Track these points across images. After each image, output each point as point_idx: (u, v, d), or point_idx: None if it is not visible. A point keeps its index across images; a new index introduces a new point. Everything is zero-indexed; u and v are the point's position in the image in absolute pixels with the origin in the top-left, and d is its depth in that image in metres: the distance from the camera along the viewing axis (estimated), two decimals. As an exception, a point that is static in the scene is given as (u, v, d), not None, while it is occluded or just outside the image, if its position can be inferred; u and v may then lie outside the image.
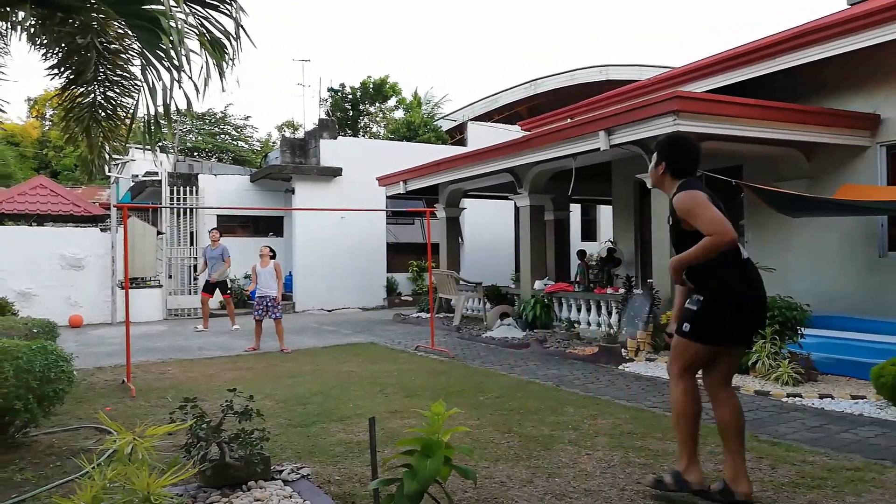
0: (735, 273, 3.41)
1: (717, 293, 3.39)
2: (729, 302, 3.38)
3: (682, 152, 3.64)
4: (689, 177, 3.61)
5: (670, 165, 3.63)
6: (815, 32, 8.63)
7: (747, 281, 3.43)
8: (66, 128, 6.22)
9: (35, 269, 13.34)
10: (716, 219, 3.32)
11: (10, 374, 4.19)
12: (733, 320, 3.39)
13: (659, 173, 3.69)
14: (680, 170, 3.62)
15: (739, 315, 3.39)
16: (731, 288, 3.40)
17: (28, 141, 35.49)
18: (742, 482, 3.38)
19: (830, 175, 9.12)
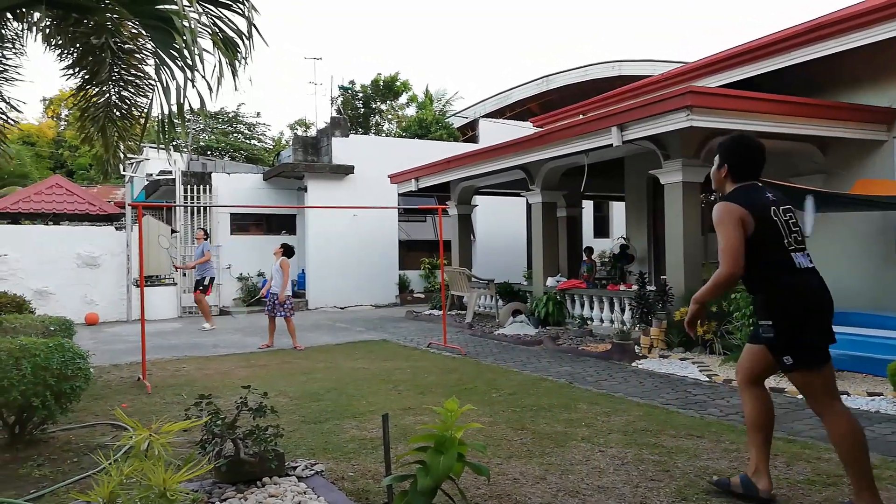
0: (786, 289, 3.21)
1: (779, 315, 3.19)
2: (788, 323, 3.18)
3: (744, 155, 3.48)
4: (750, 181, 3.45)
5: (733, 167, 3.48)
6: (829, 26, 8.53)
7: (797, 293, 3.20)
8: (81, 127, 6.29)
9: (52, 267, 13.49)
10: (728, 248, 3.21)
11: (28, 372, 4.24)
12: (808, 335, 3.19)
13: (722, 176, 3.55)
14: (742, 173, 3.46)
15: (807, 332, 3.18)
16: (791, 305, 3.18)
17: (44, 141, 35.84)
18: (764, 479, 3.40)
19: (846, 170, 9.03)
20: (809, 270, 3.30)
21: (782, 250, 3.25)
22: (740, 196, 3.35)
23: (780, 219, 3.30)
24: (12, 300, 8.33)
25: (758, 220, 3.24)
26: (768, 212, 3.28)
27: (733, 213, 3.24)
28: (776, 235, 3.26)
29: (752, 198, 3.33)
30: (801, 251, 3.31)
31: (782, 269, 3.24)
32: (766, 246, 3.25)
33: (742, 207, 3.25)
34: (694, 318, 3.47)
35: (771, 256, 3.25)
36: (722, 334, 7.81)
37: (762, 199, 3.33)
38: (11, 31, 6.23)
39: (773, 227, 3.26)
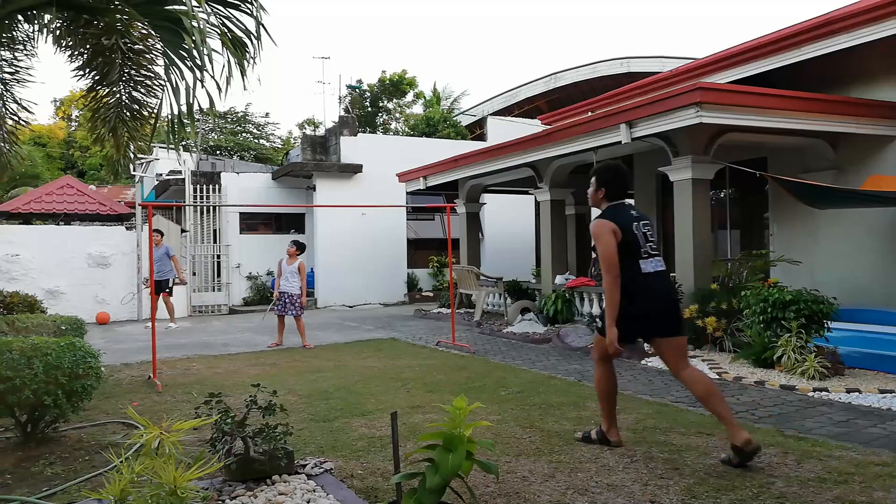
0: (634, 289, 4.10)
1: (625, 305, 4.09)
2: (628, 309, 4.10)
3: (616, 181, 4.36)
4: (620, 199, 4.33)
5: (609, 190, 4.33)
6: (842, 20, 8.46)
7: (642, 292, 4.11)
8: (92, 128, 6.33)
9: (63, 267, 13.59)
10: (607, 257, 4.08)
11: (39, 371, 4.28)
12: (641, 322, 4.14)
13: (599, 197, 4.37)
14: (614, 194, 4.34)
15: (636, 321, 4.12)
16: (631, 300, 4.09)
17: (55, 141, 36.11)
18: (738, 433, 3.92)
19: (858, 166, 8.95)
20: (656, 275, 4.15)
21: (636, 256, 4.12)
22: (612, 213, 4.24)
23: (640, 231, 4.17)
24: (24, 300, 8.40)
25: (624, 231, 4.10)
26: (630, 224, 4.15)
27: (608, 227, 4.11)
28: (636, 245, 4.13)
29: (621, 215, 4.21)
30: (654, 259, 4.17)
31: (631, 270, 4.10)
32: (625, 253, 4.09)
33: (613, 223, 4.12)
34: (613, 340, 4.12)
35: (625, 260, 4.09)
36: (732, 332, 7.77)
37: (628, 216, 4.21)
38: (22, 33, 6.27)
39: (634, 239, 4.13)
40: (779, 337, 6.72)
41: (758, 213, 10.84)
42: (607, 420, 4.41)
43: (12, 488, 3.76)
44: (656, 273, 4.15)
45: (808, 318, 6.63)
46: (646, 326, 4.16)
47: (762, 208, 10.66)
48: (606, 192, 4.33)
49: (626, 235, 4.10)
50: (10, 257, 13.20)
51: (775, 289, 7.10)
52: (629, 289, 4.09)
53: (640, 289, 4.09)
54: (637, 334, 4.30)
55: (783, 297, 6.76)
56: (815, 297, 6.75)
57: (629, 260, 4.10)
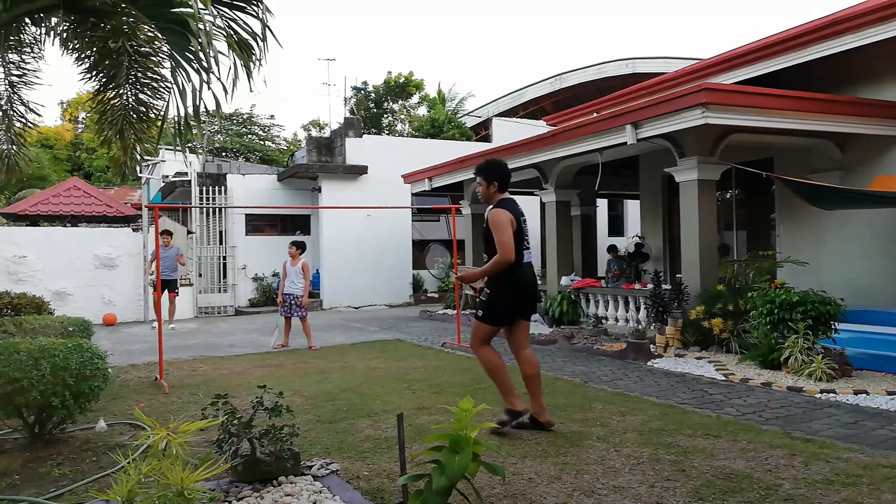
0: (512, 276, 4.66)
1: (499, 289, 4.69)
2: (502, 295, 4.71)
3: (504, 172, 4.85)
4: (508, 198, 4.77)
5: (501, 183, 4.80)
6: (848, 21, 8.43)
7: (520, 279, 4.69)
8: (99, 130, 6.36)
9: (70, 268, 13.65)
10: (506, 242, 4.52)
11: (47, 372, 4.30)
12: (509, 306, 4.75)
13: (493, 191, 4.81)
14: (505, 187, 4.82)
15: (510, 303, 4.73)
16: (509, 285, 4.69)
17: (62, 143, 36.27)
18: (543, 414, 4.78)
19: (864, 166, 8.92)
20: (528, 265, 4.77)
21: (520, 247, 4.63)
22: (507, 205, 4.69)
23: (524, 226, 4.74)
24: (32, 301, 8.43)
25: (517, 224, 4.62)
26: (519, 219, 4.68)
27: (507, 216, 4.58)
28: (521, 237, 4.65)
29: (513, 207, 4.70)
30: (528, 251, 4.76)
31: (519, 261, 4.62)
32: (515, 244, 4.57)
33: (510, 213, 4.60)
34: (470, 279, 5.09)
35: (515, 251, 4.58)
36: (738, 333, 7.75)
37: (517, 210, 4.72)
38: (30, 36, 6.31)
39: (520, 231, 4.66)
40: (786, 338, 6.69)
41: (764, 214, 10.81)
42: (510, 394, 4.80)
43: (20, 489, 3.78)
44: (529, 264, 4.77)
45: (815, 320, 6.60)
46: (521, 309, 4.76)
47: (769, 209, 10.62)
48: (499, 186, 4.78)
49: (516, 228, 4.61)
50: (18, 259, 13.26)
51: (782, 290, 7.07)
52: (516, 274, 4.63)
53: (519, 276, 4.66)
54: (515, 316, 4.79)
55: (790, 299, 6.73)
56: (822, 298, 6.72)
57: (516, 249, 4.58)
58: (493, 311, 4.76)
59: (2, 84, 6.98)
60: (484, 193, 4.87)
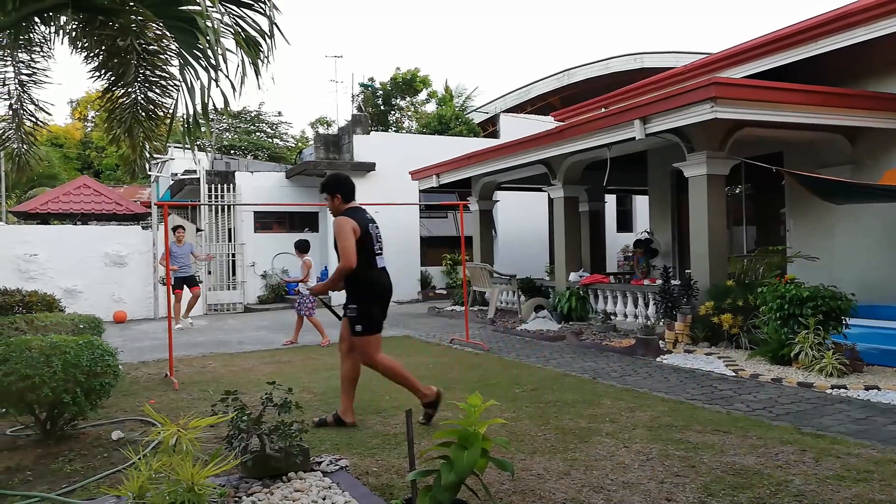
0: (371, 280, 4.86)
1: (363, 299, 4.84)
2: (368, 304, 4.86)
3: (345, 184, 5.08)
4: (353, 202, 5.03)
5: (344, 195, 5.04)
6: (859, 13, 8.35)
7: (376, 284, 4.89)
8: (108, 129, 6.38)
9: (80, 266, 13.73)
10: (347, 248, 4.70)
11: (58, 369, 4.33)
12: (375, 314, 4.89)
13: (337, 203, 5.02)
14: (349, 198, 5.05)
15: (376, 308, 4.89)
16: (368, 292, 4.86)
17: (71, 142, 36.49)
18: (349, 415, 4.95)
19: (875, 160, 8.84)
20: (383, 269, 4.94)
21: (372, 253, 4.83)
22: (352, 213, 4.89)
23: (375, 232, 4.92)
24: (43, 299, 8.49)
25: (363, 231, 4.77)
26: (367, 225, 4.85)
27: (349, 224, 4.75)
28: (371, 243, 4.82)
29: (359, 215, 4.90)
30: (381, 256, 4.94)
31: (369, 265, 4.80)
32: (364, 249, 4.76)
33: (354, 221, 4.78)
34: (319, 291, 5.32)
35: (363, 255, 4.75)
36: (748, 329, 7.71)
37: (365, 217, 4.91)
38: (39, 35, 6.34)
39: (370, 238, 4.82)
40: (796, 334, 6.66)
41: (774, 208, 10.74)
42: (418, 389, 4.95)
43: (33, 485, 3.81)
44: (384, 269, 4.96)
45: (825, 315, 6.57)
46: (380, 311, 4.93)
47: (778, 204, 10.56)
48: (343, 198, 5.02)
49: (364, 234, 4.79)
50: (29, 257, 13.36)
51: (792, 285, 7.03)
52: (370, 279, 4.84)
53: (375, 281, 4.86)
54: (380, 318, 4.93)
55: (800, 294, 6.69)
56: (832, 293, 6.68)
57: (367, 255, 4.78)
58: (370, 320, 4.85)
59: (12, 83, 7.03)
60: (331, 207, 5.09)
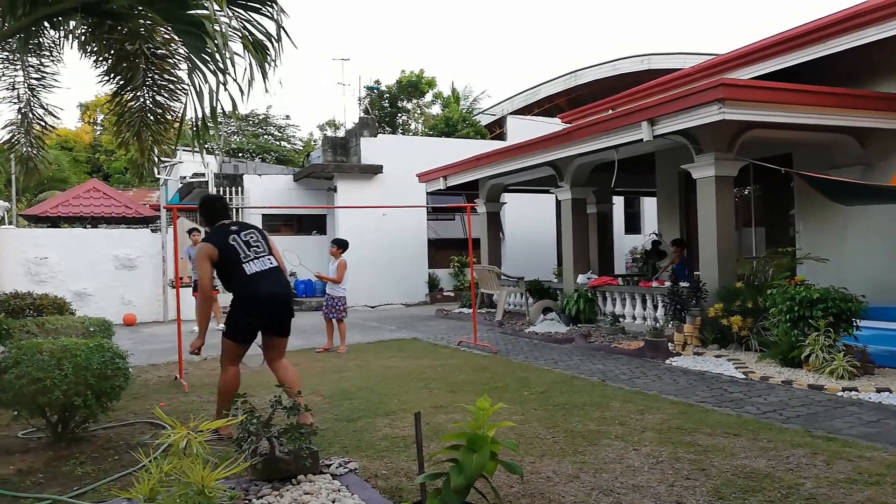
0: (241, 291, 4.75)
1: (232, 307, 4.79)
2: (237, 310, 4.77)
3: (207, 208, 5.05)
4: (220, 223, 4.92)
5: (207, 219, 5.04)
6: (868, 13, 8.29)
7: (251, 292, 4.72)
8: (118, 132, 6.43)
9: (90, 269, 13.81)
10: (200, 275, 4.78)
11: (69, 372, 4.35)
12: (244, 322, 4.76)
13: (206, 226, 5.13)
14: (212, 220, 4.98)
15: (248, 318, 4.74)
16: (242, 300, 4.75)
17: (81, 146, 36.72)
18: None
19: (886, 161, 8.78)
20: (258, 274, 4.72)
21: (238, 263, 4.68)
22: (210, 236, 4.89)
23: (240, 241, 4.75)
24: (53, 302, 8.54)
25: (220, 249, 4.69)
26: (227, 239, 4.73)
27: (203, 251, 4.74)
28: (235, 254, 4.69)
29: (218, 234, 4.82)
30: (258, 259, 4.75)
31: (238, 275, 4.70)
32: (229, 263, 4.69)
33: (209, 245, 4.74)
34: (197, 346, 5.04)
35: (232, 269, 4.70)
36: (758, 331, 7.67)
37: (224, 233, 4.80)
38: (49, 40, 6.39)
39: (232, 249, 4.70)
40: (806, 336, 6.62)
41: (783, 210, 10.69)
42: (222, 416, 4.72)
43: (44, 487, 3.83)
44: (262, 273, 4.74)
45: (836, 317, 6.52)
46: (263, 322, 4.78)
47: (788, 205, 10.50)
48: (207, 221, 5.06)
49: (223, 250, 4.69)
50: (39, 260, 13.44)
51: (802, 287, 6.99)
52: (241, 286, 4.71)
53: (249, 290, 4.69)
54: (249, 325, 4.77)
55: (810, 296, 6.65)
56: (843, 295, 6.64)
57: (231, 267, 4.70)
58: (235, 327, 4.78)
59: (21, 87, 7.09)
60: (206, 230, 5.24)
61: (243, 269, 4.68)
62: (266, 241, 4.92)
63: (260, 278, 4.72)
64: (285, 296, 4.90)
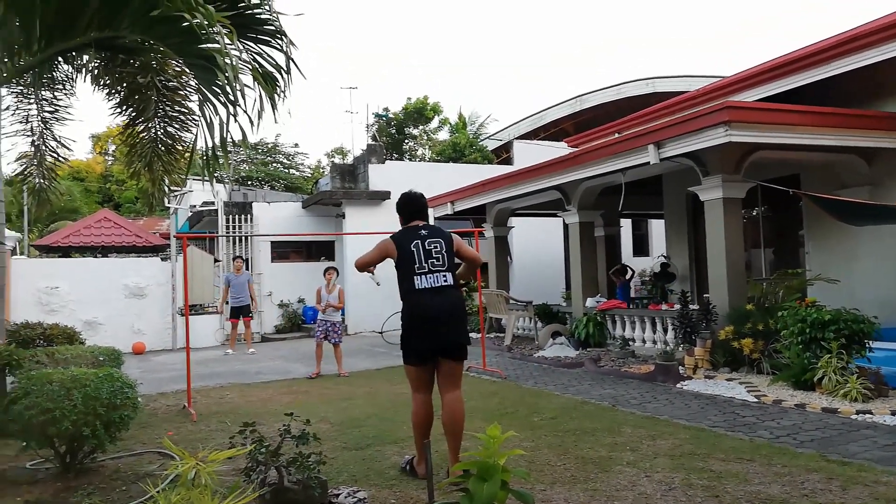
0: (405, 304, 4.36)
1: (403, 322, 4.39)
2: (404, 326, 4.37)
3: (402, 203, 4.76)
4: (412, 224, 4.59)
5: (402, 216, 4.74)
6: (870, 35, 8.34)
7: (416, 307, 4.28)
8: (129, 163, 6.52)
9: (101, 298, 13.88)
10: (363, 257, 4.52)
11: (79, 402, 4.36)
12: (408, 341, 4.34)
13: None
14: (405, 218, 4.69)
15: (411, 336, 4.30)
16: (404, 315, 4.36)
17: (92, 176, 37.15)
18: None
19: (894, 180, 8.76)
20: (430, 291, 4.27)
21: (410, 273, 4.31)
22: (396, 234, 4.54)
23: (422, 248, 4.35)
24: (63, 331, 8.58)
25: (400, 250, 4.36)
26: (409, 244, 4.37)
27: (384, 243, 4.48)
28: (410, 262, 4.32)
29: (403, 235, 4.50)
30: (432, 274, 4.30)
31: (406, 286, 4.33)
32: (402, 269, 4.36)
33: (392, 242, 4.45)
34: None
35: (403, 277, 4.36)
36: (769, 353, 7.60)
37: (410, 236, 4.44)
38: (62, 74, 6.53)
39: (409, 256, 4.32)
40: (818, 358, 6.55)
41: (792, 230, 10.65)
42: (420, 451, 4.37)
43: (53, 519, 3.81)
44: (431, 290, 4.31)
45: (848, 339, 6.46)
46: (427, 344, 4.27)
47: (796, 226, 10.46)
48: (400, 218, 4.76)
49: (401, 255, 4.37)
50: (50, 290, 13.53)
51: (813, 308, 6.94)
52: (405, 304, 4.38)
53: (413, 304, 4.31)
54: (425, 354, 4.30)
55: (822, 317, 6.60)
56: (855, 316, 6.58)
57: (406, 278, 4.35)
58: (405, 346, 4.39)
59: (35, 120, 7.22)
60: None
61: (413, 282, 4.30)
62: (449, 256, 4.41)
63: (426, 296, 4.28)
64: (448, 315, 4.30)
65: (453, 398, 4.29)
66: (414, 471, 4.40)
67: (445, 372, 4.32)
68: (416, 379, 4.38)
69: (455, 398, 4.31)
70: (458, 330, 4.33)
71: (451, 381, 4.33)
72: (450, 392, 4.30)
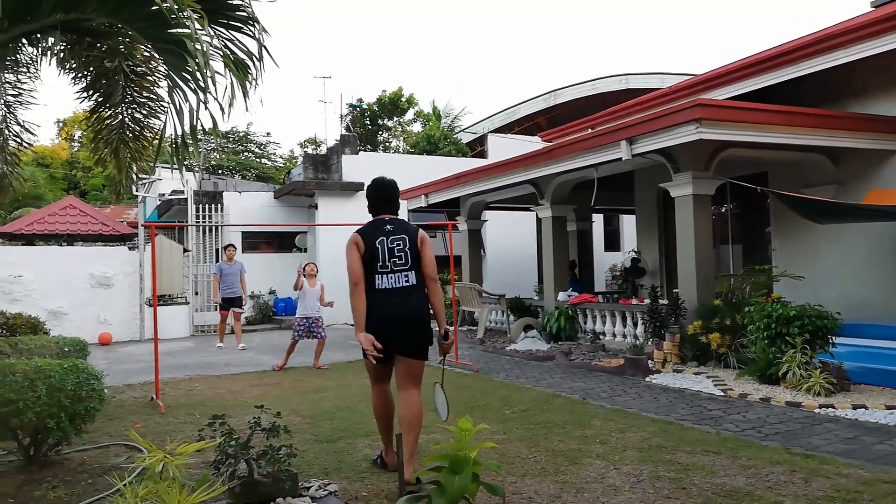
0: (368, 299, 4.20)
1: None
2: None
3: (372, 195, 4.54)
4: (379, 218, 4.42)
5: (369, 204, 4.54)
6: (838, 36, 8.52)
7: (372, 307, 4.18)
8: (95, 149, 6.36)
9: (66, 288, 13.58)
10: (349, 264, 4.23)
11: (42, 393, 4.26)
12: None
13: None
14: (373, 209, 4.50)
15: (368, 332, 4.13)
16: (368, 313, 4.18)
17: (58, 162, 36.27)
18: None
19: (859, 180, 8.97)
20: (390, 291, 4.19)
21: (372, 271, 4.20)
22: (363, 228, 4.38)
23: (386, 245, 4.22)
24: (27, 321, 8.39)
25: (366, 246, 4.22)
26: (375, 239, 4.23)
27: (352, 240, 4.27)
28: (373, 259, 4.20)
29: (370, 229, 4.33)
30: (394, 274, 4.21)
31: (368, 283, 4.21)
32: (366, 266, 4.21)
33: (360, 236, 4.27)
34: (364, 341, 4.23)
35: (366, 274, 4.21)
36: (736, 348, 7.74)
37: (377, 231, 4.29)
38: (26, 56, 6.33)
39: (374, 252, 4.19)
40: (783, 353, 6.69)
41: (760, 228, 10.85)
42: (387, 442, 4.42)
43: (14, 513, 3.73)
44: (391, 290, 4.22)
45: (812, 334, 6.61)
46: (386, 341, 4.13)
47: (764, 223, 10.66)
48: (369, 208, 4.56)
49: (367, 251, 4.22)
50: (13, 278, 13.20)
51: (779, 304, 7.08)
52: (368, 301, 4.22)
53: (370, 303, 4.21)
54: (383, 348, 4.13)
55: (787, 313, 6.74)
56: (818, 312, 6.73)
57: (367, 275, 4.21)
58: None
59: (-2, 104, 7.00)
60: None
61: (374, 281, 4.18)
62: (413, 254, 4.26)
63: (385, 296, 4.18)
64: (405, 318, 4.20)
65: (408, 396, 4.23)
66: (385, 464, 4.40)
67: (401, 370, 4.28)
68: (372, 372, 4.39)
69: (410, 396, 4.23)
70: (413, 333, 4.23)
71: (407, 379, 4.27)
72: (405, 391, 4.25)
